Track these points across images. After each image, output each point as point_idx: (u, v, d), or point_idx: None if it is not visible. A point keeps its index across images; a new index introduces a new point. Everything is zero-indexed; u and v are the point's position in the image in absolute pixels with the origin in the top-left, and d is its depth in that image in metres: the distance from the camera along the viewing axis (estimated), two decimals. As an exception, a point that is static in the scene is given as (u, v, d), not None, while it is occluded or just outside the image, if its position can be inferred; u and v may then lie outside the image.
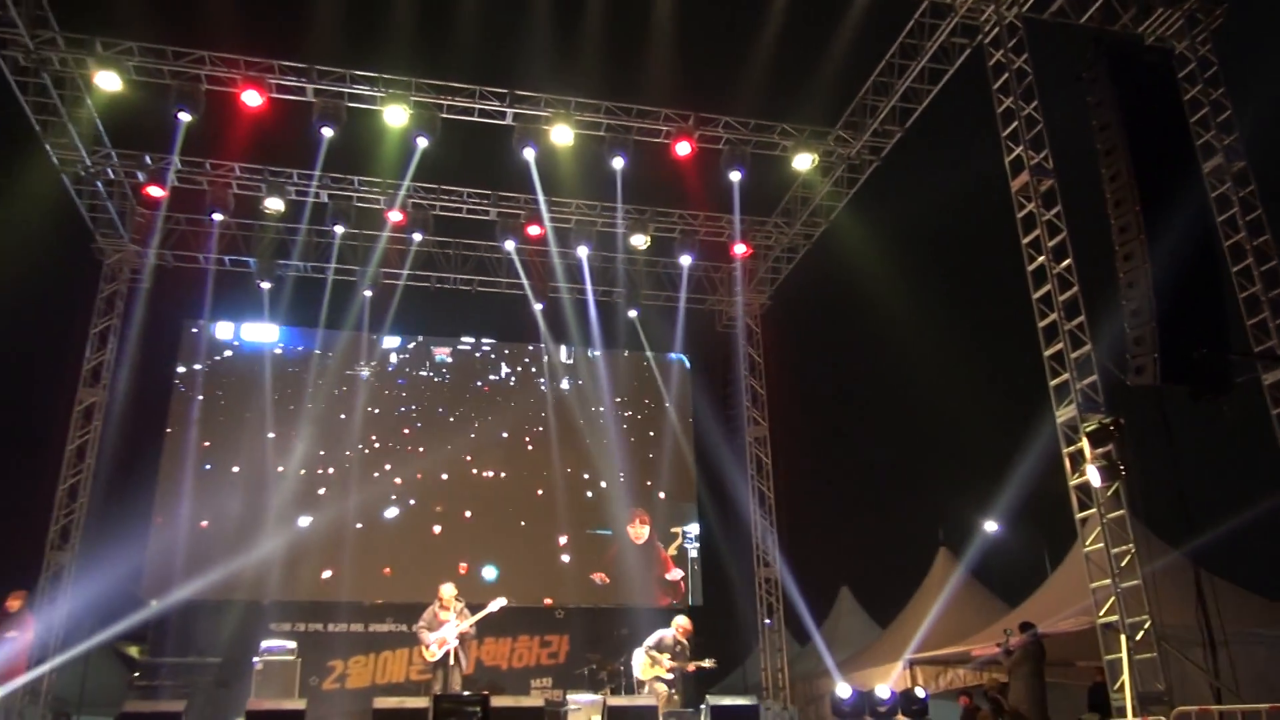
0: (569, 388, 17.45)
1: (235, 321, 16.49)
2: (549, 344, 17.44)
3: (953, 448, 18.61)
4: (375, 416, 16.48)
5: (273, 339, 16.56)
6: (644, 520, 16.75)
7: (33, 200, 13.85)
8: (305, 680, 12.91)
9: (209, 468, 15.49)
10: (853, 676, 14.01)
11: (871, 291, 16.73)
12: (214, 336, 16.35)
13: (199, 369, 16.07)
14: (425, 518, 16.01)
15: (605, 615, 15.92)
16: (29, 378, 15.52)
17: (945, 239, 17.34)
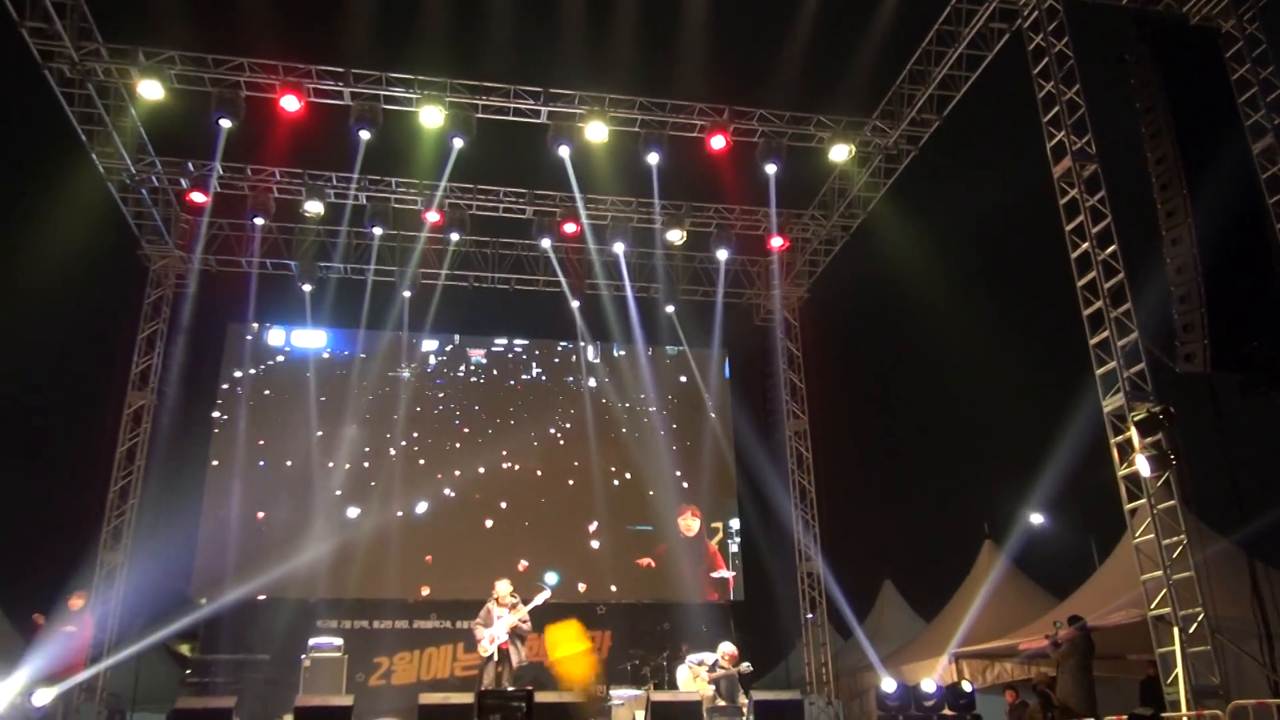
0: (607, 384, 17.47)
1: (278, 324, 16.70)
2: (586, 341, 17.47)
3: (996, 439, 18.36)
4: (417, 416, 16.64)
5: (320, 344, 16.77)
6: (695, 514, 16.77)
7: (80, 209, 14.13)
8: (352, 677, 13.06)
9: (256, 468, 15.73)
10: (897, 671, 13.87)
11: (911, 282, 16.55)
12: (266, 342, 16.60)
13: (247, 373, 16.30)
14: (468, 516, 16.11)
15: (647, 611, 15.90)
16: (80, 382, 15.86)
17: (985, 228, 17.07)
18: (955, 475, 19.14)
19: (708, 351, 17.79)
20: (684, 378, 17.67)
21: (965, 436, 19.16)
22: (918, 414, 19.14)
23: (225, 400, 16.11)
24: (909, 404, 19.16)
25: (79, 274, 14.32)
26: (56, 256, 13.60)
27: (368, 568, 15.20)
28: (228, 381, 16.22)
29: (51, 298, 14.16)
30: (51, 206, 13.83)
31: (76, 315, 15.00)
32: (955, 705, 10.62)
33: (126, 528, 14.45)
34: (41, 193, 13.98)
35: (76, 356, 15.72)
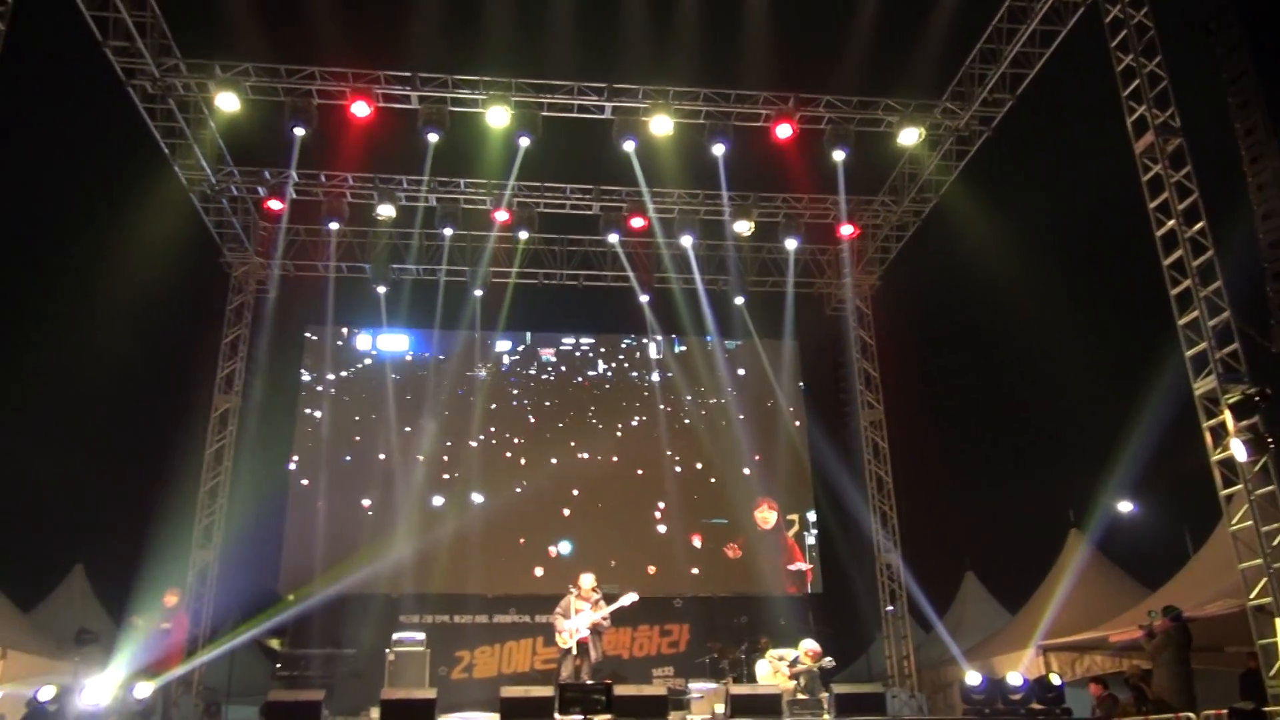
0: (677, 378, 17.44)
1: (354, 325, 17.07)
2: (655, 335, 17.47)
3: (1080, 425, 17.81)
4: (493, 415, 16.86)
5: (403, 347, 17.09)
6: (772, 506, 16.68)
7: (165, 219, 14.61)
8: (435, 670, 13.29)
9: (338, 468, 16.11)
10: (982, 664, 13.58)
11: (986, 265, 16.11)
12: (355, 346, 16.99)
13: (328, 374, 16.73)
14: (544, 512, 16.25)
15: (724, 604, 15.87)
16: (168, 387, 16.40)
17: (1063, 207, 16.57)
18: (1038, 463, 18.64)
19: (779, 343, 17.65)
20: (755, 370, 17.55)
21: (1047, 423, 18.63)
22: (997, 401, 18.65)
23: (306, 401, 16.55)
24: (987, 390, 18.67)
25: (165, 282, 14.83)
26: (144, 266, 14.10)
27: (448, 563, 15.46)
28: (308, 383, 16.66)
29: (140, 306, 14.67)
30: (138, 218, 14.34)
31: (164, 322, 15.51)
32: (1043, 699, 10.34)
33: (216, 526, 14.96)
34: (128, 205, 14.49)
35: (164, 362, 16.28)
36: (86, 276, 14.87)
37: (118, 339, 14.71)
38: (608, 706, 9.76)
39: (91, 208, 14.71)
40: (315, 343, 16.94)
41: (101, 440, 15.63)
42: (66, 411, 14.68)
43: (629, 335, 17.82)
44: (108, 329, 14.66)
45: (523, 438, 16.86)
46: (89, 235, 14.48)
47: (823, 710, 10.54)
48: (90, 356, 14.89)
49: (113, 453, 15.83)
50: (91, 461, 15.25)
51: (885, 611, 15.85)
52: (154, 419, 16.15)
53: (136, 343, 15.14)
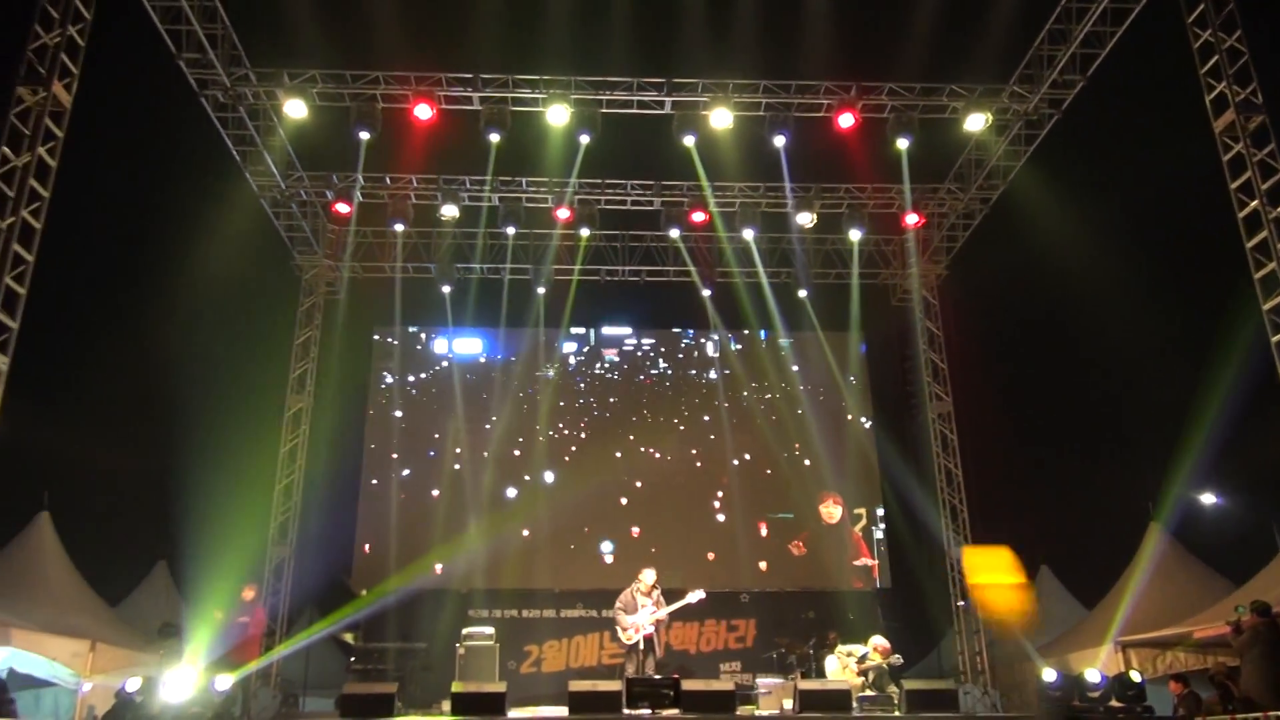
0: (741, 372, 17.36)
1: (420, 325, 17.34)
2: (718, 329, 17.40)
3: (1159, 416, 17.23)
4: (560, 413, 16.98)
5: (476, 350, 17.32)
6: (836, 501, 16.51)
7: (238, 225, 14.99)
8: (504, 664, 13.45)
9: (408, 467, 16.37)
10: (1058, 660, 13.25)
11: (1057, 252, 15.66)
12: (430, 350, 17.31)
13: (399, 374, 17.03)
14: (610, 508, 16.32)
15: (791, 599, 15.77)
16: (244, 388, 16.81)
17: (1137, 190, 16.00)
18: (1115, 454, 18.08)
19: (844, 335, 17.45)
20: (819, 363, 17.38)
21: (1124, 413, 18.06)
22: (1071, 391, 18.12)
23: (376, 400, 16.87)
24: (1061, 380, 18.15)
25: (239, 286, 15.23)
26: (219, 270, 14.49)
27: (517, 559, 15.64)
28: (378, 382, 16.97)
29: (216, 309, 15.08)
30: (212, 224, 14.72)
31: (238, 325, 15.89)
32: (1123, 696, 10.04)
33: (291, 523, 15.32)
34: (203, 211, 14.89)
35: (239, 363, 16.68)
36: (165, 281, 15.31)
37: (195, 342, 15.13)
38: (675, 701, 9.77)
39: (169, 214, 15.15)
40: (384, 342, 17.26)
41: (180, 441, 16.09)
42: (147, 413, 15.15)
43: (691, 330, 17.79)
44: (185, 332, 15.09)
45: (588, 435, 16.97)
46: (167, 241, 14.91)
47: (893, 706, 10.40)
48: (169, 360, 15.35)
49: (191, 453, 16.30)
50: (171, 461, 15.72)
51: (956, 606, 15.57)
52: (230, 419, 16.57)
53: (213, 345, 15.54)
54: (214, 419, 16.25)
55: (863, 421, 17.15)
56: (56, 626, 11.57)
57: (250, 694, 11.57)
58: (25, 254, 9.42)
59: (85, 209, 13.87)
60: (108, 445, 15.07)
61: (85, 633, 11.87)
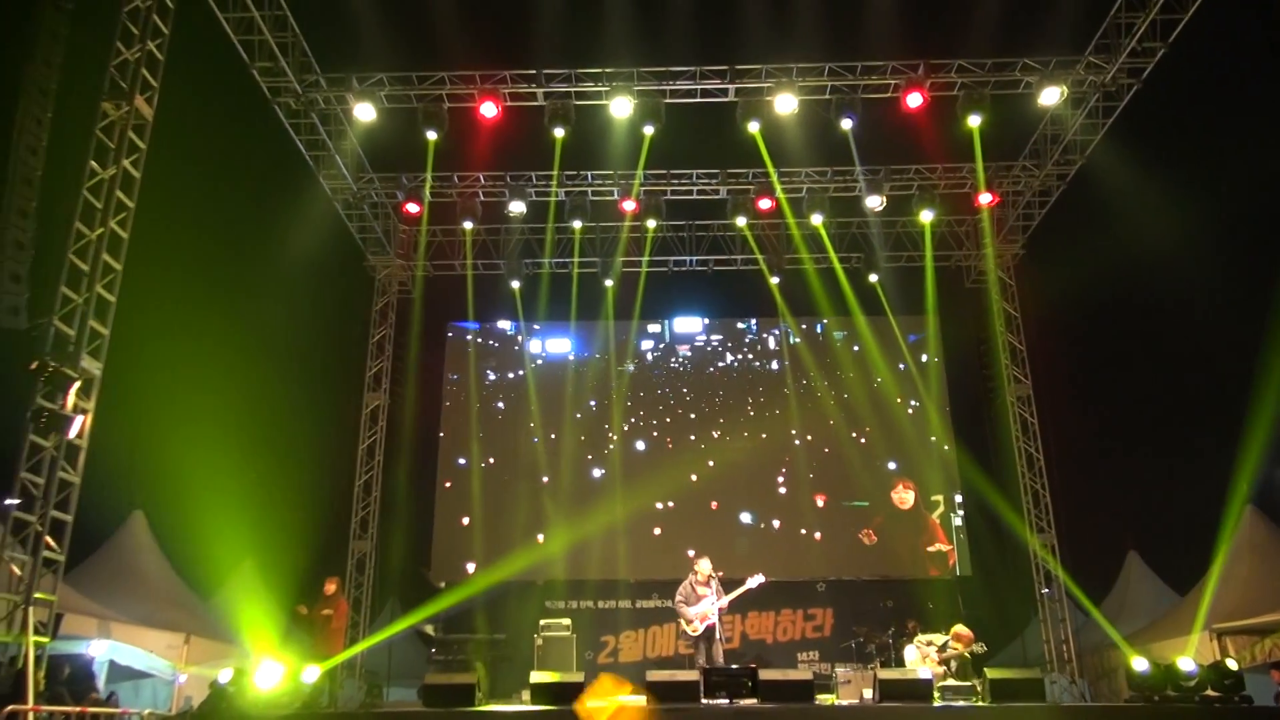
0: (811, 359, 17.19)
1: (493, 321, 17.55)
2: (788, 316, 17.24)
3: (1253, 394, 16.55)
4: (636, 408, 17.06)
5: (559, 348, 17.52)
6: (908, 486, 16.27)
7: (312, 228, 15.38)
8: (581, 655, 13.58)
9: (486, 461, 16.61)
10: (1148, 648, 12.85)
11: (1139, 227, 15.15)
12: (507, 345, 17.56)
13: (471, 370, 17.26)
14: (686, 500, 16.33)
15: (869, 588, 15.59)
16: (324, 388, 17.27)
17: (1223, 158, 15.38)
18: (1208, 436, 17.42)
19: (917, 319, 17.15)
20: (892, 348, 17.11)
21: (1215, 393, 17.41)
22: (1158, 370, 17.52)
23: (452, 396, 17.14)
24: (1146, 359, 17.55)
25: (315, 288, 15.62)
26: (295, 274, 14.89)
27: (594, 550, 15.75)
28: (452, 378, 17.25)
29: (292, 313, 15.50)
30: (287, 228, 15.14)
31: (314, 326, 16.32)
32: (1219, 685, 9.68)
33: (371, 518, 15.69)
34: (278, 216, 15.31)
35: (318, 364, 17.14)
36: (245, 286, 15.79)
37: (274, 344, 15.59)
38: (753, 690, 9.73)
39: (246, 220, 15.60)
40: (457, 340, 17.52)
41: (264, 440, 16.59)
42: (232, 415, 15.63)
43: (760, 319, 17.67)
44: (265, 335, 15.54)
45: (664, 429, 16.99)
46: (245, 247, 15.36)
47: (976, 696, 10.20)
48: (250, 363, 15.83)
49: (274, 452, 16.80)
50: (255, 461, 16.22)
51: (1040, 594, 15.21)
52: (310, 418, 17.03)
53: (291, 347, 16.00)
54: (295, 418, 16.72)
55: (938, 406, 16.83)
56: (153, 620, 12.07)
57: (336, 684, 11.87)
58: (114, 263, 9.79)
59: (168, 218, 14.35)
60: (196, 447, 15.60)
61: (180, 626, 12.35)
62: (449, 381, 17.29)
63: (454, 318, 17.57)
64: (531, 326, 17.54)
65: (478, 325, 17.64)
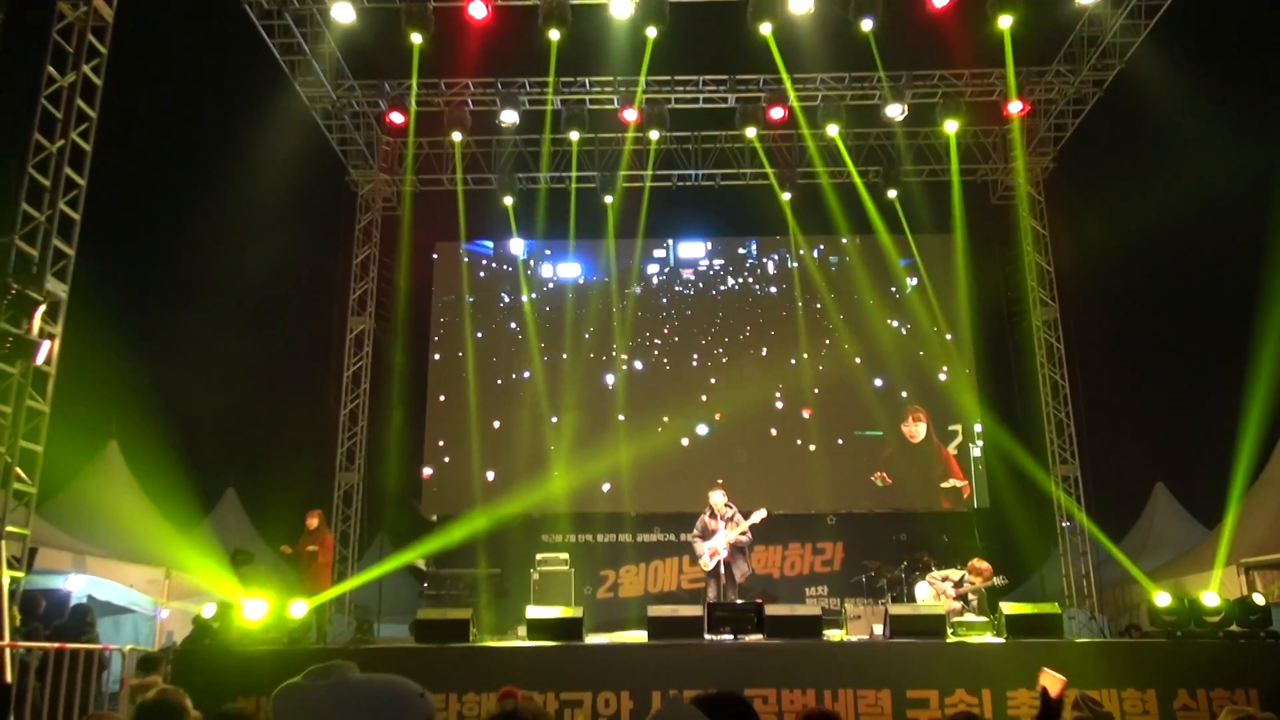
0: (824, 280, 17.12)
1: (486, 239, 17.44)
2: (800, 234, 17.12)
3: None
4: (641, 334, 17.02)
5: (575, 274, 17.40)
6: (918, 418, 16.33)
7: (289, 140, 15.21)
8: (580, 590, 13.84)
9: (479, 389, 16.65)
10: (1173, 583, 13.08)
11: (1181, 137, 14.95)
12: (540, 274, 17.40)
13: (464, 292, 17.19)
14: (690, 430, 16.43)
15: (880, 521, 15.78)
16: (305, 311, 17.29)
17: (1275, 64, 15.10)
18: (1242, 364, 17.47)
19: (939, 237, 17.03)
20: (912, 269, 17.02)
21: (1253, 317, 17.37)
22: (1194, 295, 17.48)
23: (442, 320, 17.12)
24: (1183, 284, 17.49)
25: (294, 204, 15.54)
26: (271, 190, 14.79)
27: (593, 482, 15.91)
28: (442, 301, 17.21)
29: (268, 229, 15.44)
30: (263, 139, 14.97)
31: (293, 245, 16.27)
32: (1244, 620, 9.87)
33: (359, 449, 15.85)
34: (251, 127, 15.14)
35: (299, 287, 17.13)
36: (218, 202, 15.71)
37: (251, 265, 15.56)
38: (759, 626, 9.95)
39: (217, 131, 15.46)
40: (447, 260, 17.42)
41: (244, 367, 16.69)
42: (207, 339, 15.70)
43: (771, 238, 17.55)
44: (240, 256, 15.51)
45: (667, 357, 16.99)
46: (217, 160, 15.25)
47: (991, 632, 10.42)
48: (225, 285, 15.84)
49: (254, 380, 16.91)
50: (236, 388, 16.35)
51: (1061, 527, 15.42)
52: (292, 344, 17.09)
53: (269, 268, 15.97)
54: (275, 344, 16.77)
55: (959, 330, 16.80)
56: (132, 555, 12.30)
57: (325, 620, 12.15)
58: (77, 178, 9.70)
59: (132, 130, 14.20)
60: (171, 373, 15.70)
61: (160, 560, 12.58)
62: (439, 305, 17.24)
63: (443, 237, 17.45)
64: (528, 246, 17.42)
65: (485, 247, 17.42)
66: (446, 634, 9.86)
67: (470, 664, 9.51)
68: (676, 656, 9.47)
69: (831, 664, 9.56)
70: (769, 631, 9.88)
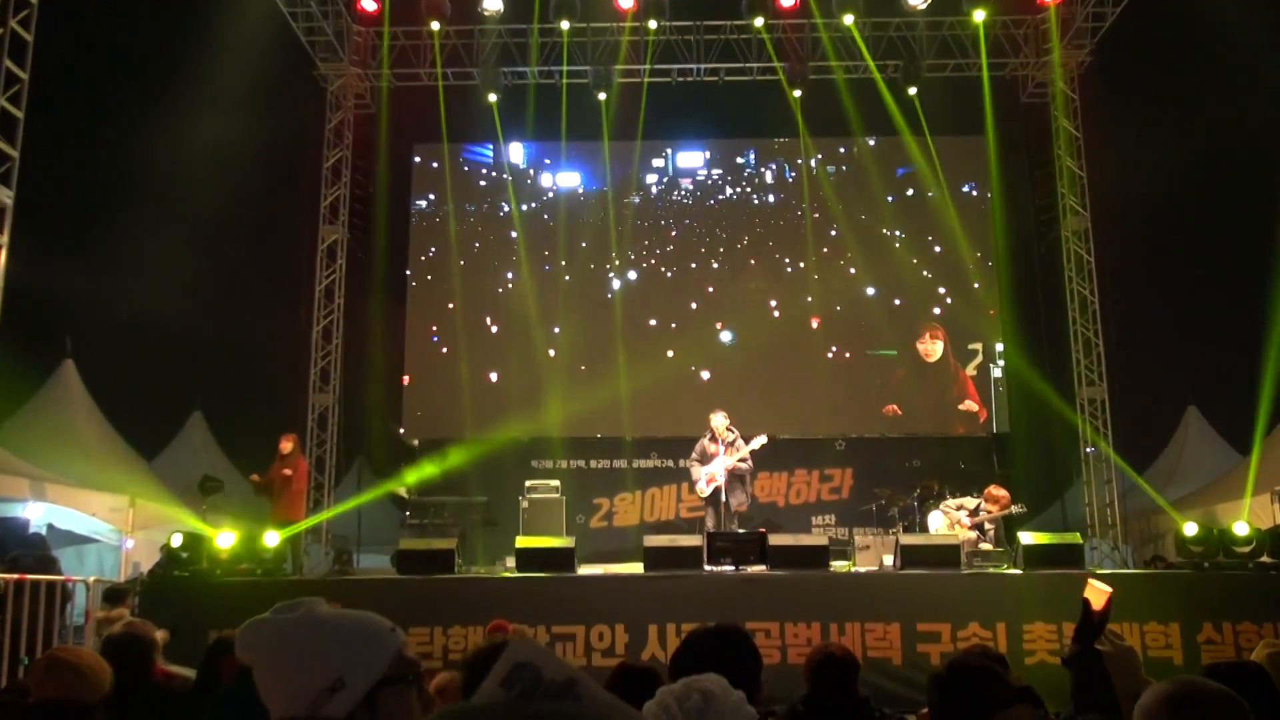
0: (837, 186, 16.97)
1: (466, 141, 17.22)
2: (807, 138, 16.88)
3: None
4: (634, 246, 16.89)
5: (575, 183, 17.21)
6: (935, 335, 16.34)
7: (250, 30, 14.88)
8: (572, 518, 14.02)
9: (463, 302, 16.58)
10: (1203, 511, 13.27)
11: (1235, 31, 14.66)
12: (539, 183, 17.20)
13: (447, 198, 16.98)
14: (690, 347, 16.43)
15: (892, 446, 15.90)
16: (272, 220, 17.12)
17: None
18: None
19: (962, 139, 16.83)
20: (931, 173, 16.83)
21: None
22: (1235, 203, 17.35)
23: (423, 229, 16.97)
24: (1224, 192, 17.35)
25: (256, 103, 15.27)
26: (230, 85, 14.53)
27: (585, 404, 15.96)
28: (419, 208, 17.05)
29: (233, 131, 15.20)
30: (220, 29, 14.66)
31: (259, 148, 16.03)
32: (1276, 550, 10.07)
33: (334, 369, 15.89)
34: (211, 17, 14.81)
35: (263, 192, 16.93)
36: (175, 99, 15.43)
37: (213, 169, 15.36)
38: (761, 556, 10.11)
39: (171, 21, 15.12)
40: (427, 163, 17.20)
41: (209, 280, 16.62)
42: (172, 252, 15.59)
43: (776, 140, 17.33)
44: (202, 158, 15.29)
45: (666, 267, 16.90)
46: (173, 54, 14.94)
47: (1007, 563, 10.60)
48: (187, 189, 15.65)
49: (221, 293, 16.85)
50: (202, 303, 16.31)
51: (1085, 453, 15.58)
52: (259, 255, 16.97)
53: (234, 171, 15.78)
54: (242, 254, 16.65)
55: (980, 242, 16.70)
56: (93, 482, 12.40)
57: (301, 551, 12.34)
58: (18, 70, 9.54)
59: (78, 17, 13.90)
60: (129, 286, 15.64)
61: (123, 488, 12.69)
62: (419, 213, 17.09)
63: (423, 138, 17.20)
64: (527, 153, 17.18)
65: (482, 154, 17.18)
66: (430, 565, 10.03)
67: (456, 597, 9.70)
68: (674, 588, 9.65)
69: (838, 596, 9.75)
70: (772, 562, 10.04)
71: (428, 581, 9.84)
